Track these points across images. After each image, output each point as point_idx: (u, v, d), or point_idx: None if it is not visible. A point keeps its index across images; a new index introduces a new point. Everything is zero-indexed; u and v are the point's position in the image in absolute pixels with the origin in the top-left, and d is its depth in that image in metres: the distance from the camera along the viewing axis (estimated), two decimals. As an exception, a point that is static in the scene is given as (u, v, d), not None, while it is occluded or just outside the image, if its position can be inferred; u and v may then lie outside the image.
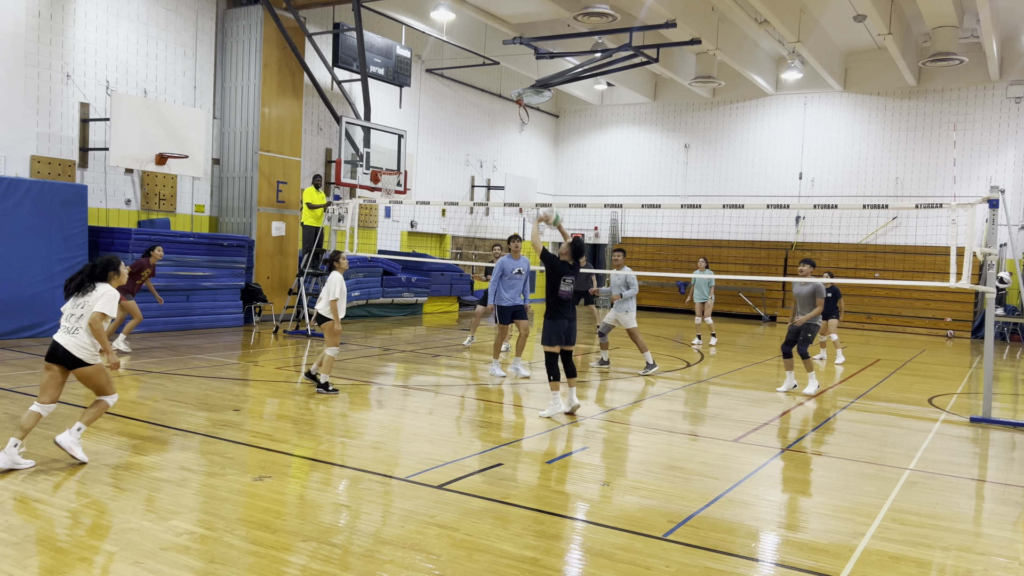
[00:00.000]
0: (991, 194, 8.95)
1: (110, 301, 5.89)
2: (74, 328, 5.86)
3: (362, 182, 16.28)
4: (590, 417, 8.57)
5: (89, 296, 5.90)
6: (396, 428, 7.77)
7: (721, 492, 5.95)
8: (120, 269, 6.10)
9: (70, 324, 5.88)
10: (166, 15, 15.29)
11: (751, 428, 8.36)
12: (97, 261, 6.06)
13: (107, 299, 5.89)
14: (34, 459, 5.96)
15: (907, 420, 9.29)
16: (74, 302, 5.94)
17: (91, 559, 4.24)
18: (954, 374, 13.52)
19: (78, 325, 5.86)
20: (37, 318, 12.38)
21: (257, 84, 16.01)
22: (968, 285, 9.18)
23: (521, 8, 18.99)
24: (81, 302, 5.91)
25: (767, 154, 24.92)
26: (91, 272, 5.99)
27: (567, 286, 8.57)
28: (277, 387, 9.46)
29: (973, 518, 5.78)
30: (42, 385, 5.95)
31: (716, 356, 14.60)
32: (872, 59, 22.71)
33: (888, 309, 22.13)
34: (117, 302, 5.96)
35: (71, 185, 13.03)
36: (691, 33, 18.00)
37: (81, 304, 5.90)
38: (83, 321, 5.87)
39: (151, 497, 5.30)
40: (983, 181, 21.74)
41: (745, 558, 4.69)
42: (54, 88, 13.60)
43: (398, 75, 18.89)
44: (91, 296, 5.90)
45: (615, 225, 27.22)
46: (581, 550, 4.75)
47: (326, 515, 5.13)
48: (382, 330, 16.33)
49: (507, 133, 25.81)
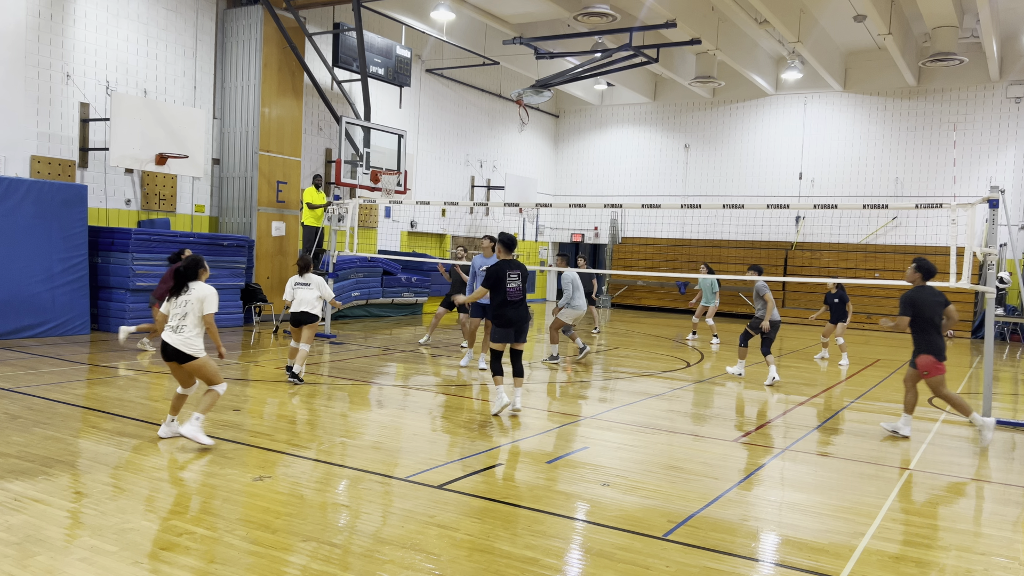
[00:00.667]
0: (991, 194, 8.94)
1: (212, 299, 6.61)
2: (179, 327, 6.53)
3: (362, 182, 16.28)
4: (590, 417, 8.56)
5: (189, 295, 6.57)
6: (396, 428, 7.77)
7: (721, 492, 5.95)
8: (205, 265, 6.81)
9: (175, 323, 6.56)
10: (166, 15, 15.30)
11: (751, 428, 8.36)
12: (186, 263, 6.71)
13: (210, 299, 6.61)
14: (34, 459, 5.96)
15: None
16: (174, 303, 6.60)
17: (91, 559, 4.24)
18: (954, 374, 13.51)
19: (183, 324, 6.53)
20: (37, 318, 12.39)
21: (257, 84, 16.01)
22: (968, 285, 9.18)
23: (521, 8, 18.99)
24: (182, 301, 6.57)
25: (767, 154, 24.92)
26: (184, 274, 6.64)
27: (513, 282, 8.43)
28: (277, 387, 9.46)
29: (973, 518, 5.78)
30: (177, 379, 6.76)
31: (716, 356, 14.59)
32: (872, 59, 22.70)
33: (888, 309, 22.10)
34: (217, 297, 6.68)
35: (71, 185, 13.03)
36: (691, 33, 18.00)
37: (183, 303, 6.57)
38: (187, 320, 6.53)
39: (151, 497, 5.30)
40: (983, 181, 21.73)
41: (745, 558, 4.68)
42: (54, 88, 13.60)
43: (398, 75, 18.89)
44: (191, 295, 6.57)
45: (615, 225, 27.21)
46: (581, 550, 4.75)
47: (326, 515, 5.13)
48: (382, 330, 16.33)
49: (507, 133, 25.81)
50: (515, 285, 8.44)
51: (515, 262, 8.59)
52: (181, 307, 6.56)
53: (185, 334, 6.49)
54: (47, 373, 9.54)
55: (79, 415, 7.53)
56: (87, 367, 10.35)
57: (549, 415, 8.65)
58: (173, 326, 6.53)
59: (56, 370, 9.79)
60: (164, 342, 6.53)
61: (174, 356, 6.54)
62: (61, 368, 9.96)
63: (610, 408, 9.24)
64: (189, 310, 6.54)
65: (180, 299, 6.57)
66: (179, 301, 6.57)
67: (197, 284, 6.64)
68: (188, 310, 6.54)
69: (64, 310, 12.73)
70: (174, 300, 6.60)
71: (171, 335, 6.52)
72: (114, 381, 9.35)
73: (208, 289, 6.64)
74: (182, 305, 6.55)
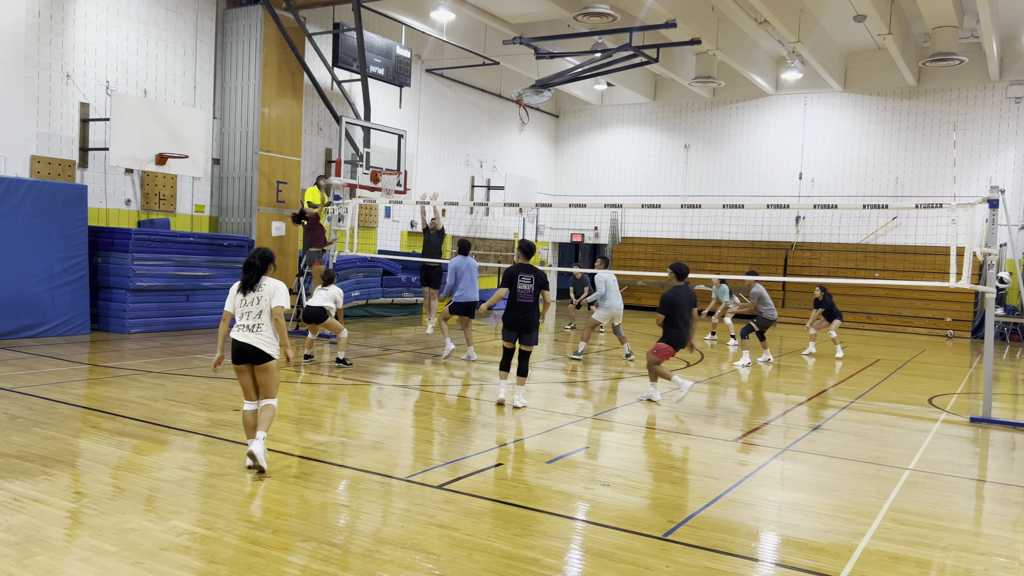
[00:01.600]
0: (991, 194, 8.95)
1: (284, 292, 6.05)
2: (256, 326, 5.95)
3: (362, 182, 16.28)
4: (590, 417, 8.57)
5: (262, 292, 5.99)
6: (396, 428, 7.77)
7: (721, 492, 5.95)
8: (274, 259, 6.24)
9: (251, 322, 5.95)
10: (166, 15, 15.30)
11: (751, 428, 8.36)
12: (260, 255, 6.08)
13: (282, 293, 6.04)
14: (34, 459, 5.96)
15: (907, 420, 9.29)
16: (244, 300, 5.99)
17: (91, 559, 4.24)
18: (954, 374, 13.52)
19: (260, 323, 5.96)
20: (37, 318, 12.39)
21: (257, 84, 16.01)
22: (968, 285, 9.18)
23: (521, 8, 18.99)
24: (254, 298, 5.98)
25: (767, 154, 24.92)
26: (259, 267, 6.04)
27: (524, 285, 8.80)
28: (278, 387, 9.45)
29: (973, 518, 5.78)
30: (244, 386, 6.08)
31: (716, 356, 14.60)
32: (872, 59, 22.70)
33: (888, 309, 22.13)
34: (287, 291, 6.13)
35: (71, 185, 13.03)
36: (691, 33, 18.00)
37: (255, 300, 5.97)
38: (263, 317, 5.95)
39: (151, 497, 5.29)
40: (983, 181, 21.73)
41: (745, 558, 4.68)
42: (54, 88, 13.60)
43: (398, 75, 18.89)
44: (264, 291, 5.99)
45: (615, 225, 27.21)
46: (581, 550, 4.75)
47: (326, 515, 5.13)
48: (382, 330, 16.33)
49: (507, 133, 25.81)
50: (526, 288, 8.78)
51: (530, 266, 8.96)
52: (254, 304, 5.98)
53: (265, 333, 5.94)
54: (47, 373, 9.54)
55: (79, 415, 7.53)
56: (87, 367, 10.35)
57: (549, 415, 8.65)
58: (249, 325, 5.93)
59: (56, 370, 9.79)
60: (241, 343, 5.92)
61: (252, 357, 5.95)
62: (61, 368, 9.96)
63: (610, 408, 9.24)
64: (264, 307, 5.96)
65: (252, 295, 5.99)
66: (251, 298, 5.98)
67: (268, 279, 6.08)
68: (263, 307, 5.96)
69: (64, 310, 12.73)
70: (243, 297, 6.00)
71: (249, 335, 5.91)
72: (114, 381, 9.35)
73: (278, 282, 6.11)
74: (255, 303, 5.98)
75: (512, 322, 8.79)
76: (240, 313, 6.00)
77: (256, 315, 5.96)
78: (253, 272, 6.01)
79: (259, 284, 6.03)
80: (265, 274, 6.10)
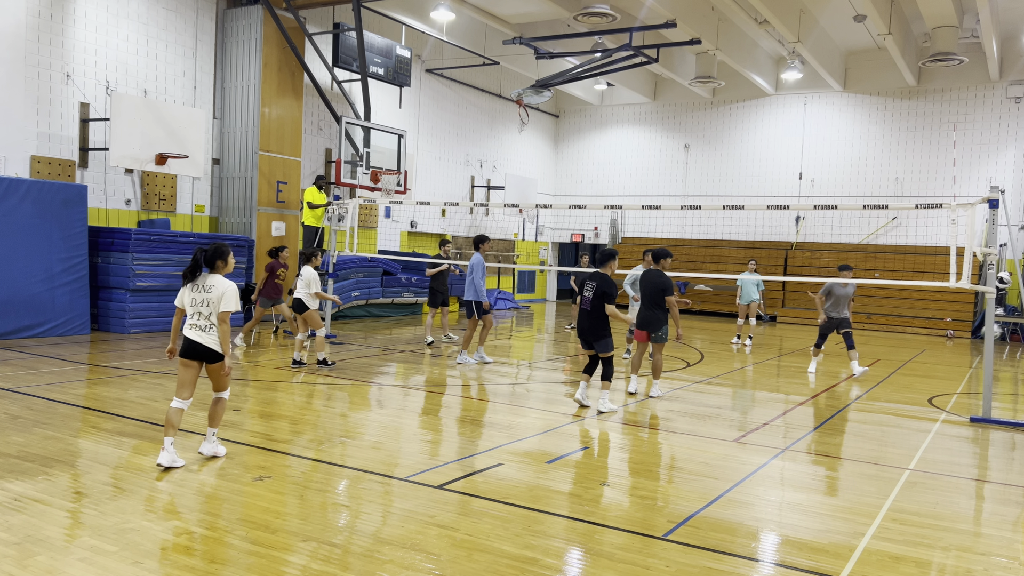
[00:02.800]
0: (991, 194, 8.94)
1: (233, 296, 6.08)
2: (207, 326, 6.02)
3: (362, 182, 16.27)
4: (590, 417, 8.57)
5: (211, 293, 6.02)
6: (396, 428, 7.77)
7: (721, 492, 5.95)
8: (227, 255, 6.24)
9: (202, 322, 6.02)
10: (166, 15, 15.29)
11: (751, 428, 8.36)
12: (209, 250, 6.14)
13: (230, 296, 6.07)
14: (34, 459, 5.96)
15: (907, 420, 9.29)
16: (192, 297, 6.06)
17: (91, 559, 4.24)
18: (954, 374, 13.52)
19: (210, 323, 6.02)
20: (37, 318, 12.38)
21: (257, 84, 16.01)
22: (968, 285, 9.18)
23: (521, 8, 18.99)
24: (202, 300, 6.04)
25: (767, 154, 24.92)
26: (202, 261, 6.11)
27: (586, 292, 8.92)
28: (277, 387, 9.46)
29: (973, 518, 5.78)
30: (183, 383, 6.07)
31: (716, 356, 14.59)
32: (872, 59, 22.71)
33: (888, 309, 22.12)
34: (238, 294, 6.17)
35: (71, 185, 13.03)
36: (691, 33, 18.00)
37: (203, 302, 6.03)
38: (212, 318, 6.02)
39: (151, 497, 5.29)
40: (983, 181, 21.74)
41: (745, 558, 4.68)
42: (54, 88, 13.60)
43: (398, 75, 18.89)
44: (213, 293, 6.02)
45: (615, 225, 27.21)
46: (581, 550, 4.75)
47: (326, 515, 5.13)
48: (382, 330, 16.32)
49: (507, 133, 25.81)
50: (586, 295, 8.89)
51: (596, 274, 8.92)
52: (204, 306, 6.00)
53: (216, 333, 6.00)
54: (47, 373, 9.54)
55: (79, 415, 7.53)
56: (87, 367, 10.35)
57: (549, 415, 8.65)
58: (201, 325, 5.99)
59: (56, 370, 9.79)
60: (193, 341, 5.97)
61: (204, 356, 6.01)
62: (61, 368, 9.96)
63: (610, 408, 9.23)
64: (214, 308, 5.99)
65: (203, 296, 6.00)
66: (201, 298, 6.00)
67: (219, 279, 6.08)
68: (213, 308, 5.99)
69: (64, 310, 12.73)
70: (191, 294, 6.03)
71: (201, 334, 5.98)
72: (114, 381, 9.35)
73: (229, 284, 6.08)
74: (205, 304, 6.00)
75: (579, 330, 9.02)
76: (191, 312, 6.04)
77: (206, 316, 6.01)
78: (194, 264, 6.04)
79: (208, 283, 6.03)
80: (214, 270, 6.13)
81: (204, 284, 6.03)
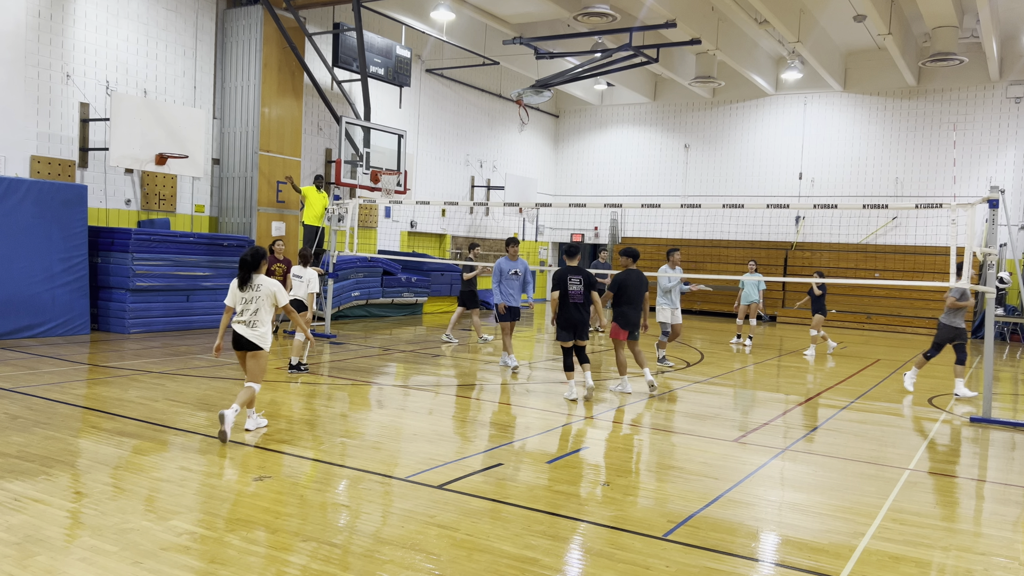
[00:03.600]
0: (991, 194, 8.94)
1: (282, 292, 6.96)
2: (252, 322, 6.84)
3: (362, 182, 16.28)
4: (590, 417, 8.57)
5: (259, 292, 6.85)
6: (396, 428, 7.77)
7: (721, 492, 5.95)
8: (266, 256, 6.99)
9: (248, 318, 6.84)
10: (166, 15, 15.30)
11: (751, 428, 8.36)
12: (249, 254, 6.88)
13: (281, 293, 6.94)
14: (34, 459, 5.96)
15: (907, 420, 9.29)
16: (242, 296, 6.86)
17: (91, 559, 4.24)
18: (954, 374, 13.50)
19: (255, 319, 6.84)
20: (37, 318, 12.38)
21: (257, 84, 16.01)
22: (968, 285, 9.18)
23: (521, 8, 18.99)
24: (252, 296, 6.85)
25: (767, 154, 24.92)
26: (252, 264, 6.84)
27: (574, 286, 9.34)
28: (277, 387, 9.46)
29: (973, 518, 5.78)
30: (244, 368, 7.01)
31: (716, 356, 14.59)
32: (872, 59, 22.70)
33: (888, 309, 22.12)
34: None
35: (71, 185, 13.03)
36: (691, 33, 18.00)
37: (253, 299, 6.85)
38: (259, 315, 6.84)
39: (151, 497, 5.29)
40: (983, 181, 21.73)
41: (745, 558, 4.69)
42: (54, 88, 13.60)
43: (398, 75, 18.89)
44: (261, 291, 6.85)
45: (615, 225, 27.21)
46: (581, 550, 4.75)
47: (326, 515, 5.13)
48: (382, 330, 16.32)
49: (507, 133, 25.81)
50: (576, 288, 9.33)
51: (578, 268, 9.47)
52: (251, 303, 6.84)
53: (259, 329, 6.83)
54: (47, 373, 9.54)
55: (79, 415, 7.53)
56: (87, 367, 10.35)
57: (549, 415, 8.65)
58: (247, 320, 6.80)
59: (56, 370, 9.79)
60: (239, 335, 6.82)
61: (247, 346, 6.86)
62: (61, 368, 9.96)
63: (610, 408, 9.24)
64: (261, 305, 6.82)
65: (251, 294, 6.82)
66: (249, 296, 6.82)
67: (264, 279, 6.86)
68: (260, 306, 6.83)
69: (64, 310, 12.73)
70: (241, 294, 6.81)
71: (246, 329, 6.80)
72: (114, 381, 9.35)
73: (274, 283, 6.89)
74: (252, 301, 6.83)
75: (567, 323, 9.32)
76: (240, 309, 6.84)
77: (252, 312, 6.81)
78: (246, 269, 6.80)
79: (255, 283, 6.82)
80: (257, 271, 6.85)
81: (253, 284, 6.85)
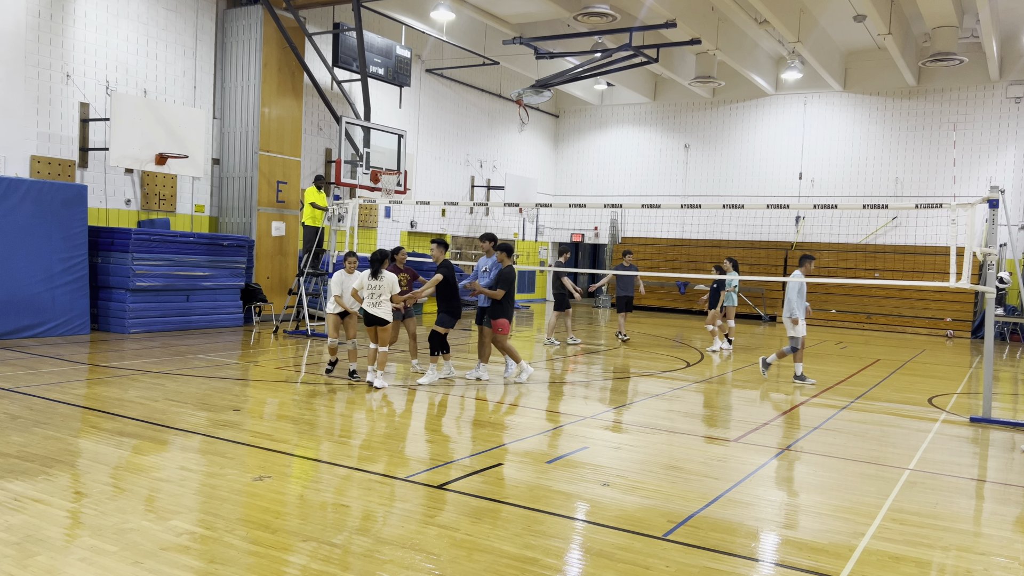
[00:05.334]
0: (991, 194, 8.94)
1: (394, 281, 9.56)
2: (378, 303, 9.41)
3: (362, 182, 16.27)
4: (590, 417, 8.57)
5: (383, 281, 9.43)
6: (396, 428, 7.77)
7: (721, 492, 5.95)
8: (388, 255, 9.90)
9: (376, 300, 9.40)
10: (166, 15, 15.30)
11: (751, 428, 8.36)
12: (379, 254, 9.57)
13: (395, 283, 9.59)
14: (34, 459, 5.96)
15: (907, 420, 9.29)
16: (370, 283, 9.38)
17: (91, 559, 4.24)
18: (954, 374, 13.52)
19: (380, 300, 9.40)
20: (37, 318, 12.39)
21: (257, 84, 16.01)
22: (968, 285, 9.18)
23: (521, 8, 18.99)
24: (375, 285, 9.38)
25: (767, 154, 24.92)
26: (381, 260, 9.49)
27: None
28: (277, 387, 9.46)
29: (973, 518, 5.78)
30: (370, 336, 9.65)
31: (716, 356, 14.59)
32: (872, 59, 22.70)
33: (888, 309, 22.13)
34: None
35: (71, 185, 13.03)
36: (691, 33, 18.00)
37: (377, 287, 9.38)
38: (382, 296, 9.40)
39: (151, 497, 5.29)
40: (983, 181, 21.73)
41: (745, 558, 4.69)
42: (54, 88, 13.60)
43: (398, 75, 18.89)
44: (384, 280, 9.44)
45: (615, 225, 27.22)
46: (581, 550, 4.75)
47: (326, 515, 5.13)
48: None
49: (507, 133, 25.81)
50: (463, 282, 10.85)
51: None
52: (376, 289, 9.34)
53: (382, 308, 9.41)
54: (47, 373, 9.54)
55: (79, 415, 7.53)
56: (87, 367, 10.35)
57: (549, 415, 8.65)
58: (374, 302, 9.35)
59: (56, 370, 9.79)
60: (370, 314, 9.39)
61: (376, 322, 9.41)
62: (61, 368, 9.96)
63: (610, 408, 9.24)
64: (384, 291, 9.36)
65: (376, 282, 9.34)
66: (375, 284, 9.33)
67: (385, 271, 9.43)
68: (383, 291, 9.36)
69: (64, 310, 12.73)
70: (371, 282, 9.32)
71: (375, 308, 9.38)
72: (114, 381, 9.35)
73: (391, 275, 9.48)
74: (377, 288, 9.34)
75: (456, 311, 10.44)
76: (367, 295, 9.34)
77: (378, 295, 9.36)
78: (377, 263, 9.37)
79: (380, 274, 9.35)
80: (383, 266, 9.41)
81: (378, 275, 9.35)
